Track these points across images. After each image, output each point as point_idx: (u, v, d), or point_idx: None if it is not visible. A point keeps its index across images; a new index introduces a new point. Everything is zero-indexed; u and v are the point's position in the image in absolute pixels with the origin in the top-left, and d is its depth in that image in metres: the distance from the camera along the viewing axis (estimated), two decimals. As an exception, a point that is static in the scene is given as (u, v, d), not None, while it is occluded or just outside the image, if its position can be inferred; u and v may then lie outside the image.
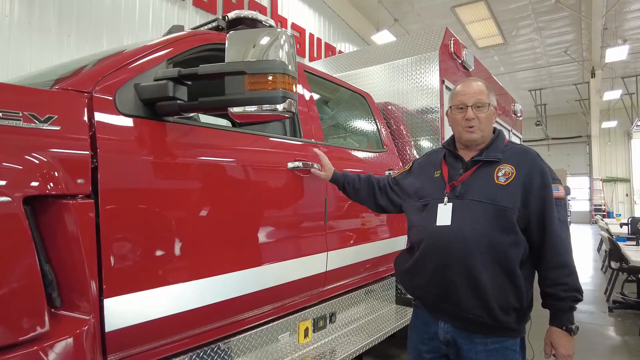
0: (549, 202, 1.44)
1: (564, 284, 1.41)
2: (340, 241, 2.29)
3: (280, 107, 1.31)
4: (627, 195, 20.18)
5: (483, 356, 1.44)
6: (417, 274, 1.57)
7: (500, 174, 1.47)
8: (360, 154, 2.69)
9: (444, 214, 1.49)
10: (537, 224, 1.44)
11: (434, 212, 1.52)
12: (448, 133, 1.65)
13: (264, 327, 1.87)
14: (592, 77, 14.62)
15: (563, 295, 1.41)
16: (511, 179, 1.44)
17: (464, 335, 1.48)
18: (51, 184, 1.07)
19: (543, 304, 1.48)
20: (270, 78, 1.29)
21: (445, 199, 1.52)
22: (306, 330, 2.12)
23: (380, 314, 2.73)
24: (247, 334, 1.78)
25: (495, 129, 1.62)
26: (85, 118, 1.22)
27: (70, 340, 1.08)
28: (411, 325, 1.70)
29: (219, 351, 1.65)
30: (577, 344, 1.46)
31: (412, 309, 1.73)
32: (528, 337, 1.54)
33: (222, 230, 1.59)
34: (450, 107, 1.61)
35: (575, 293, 1.42)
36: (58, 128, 1.14)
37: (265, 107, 1.30)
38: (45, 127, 1.12)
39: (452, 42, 3.47)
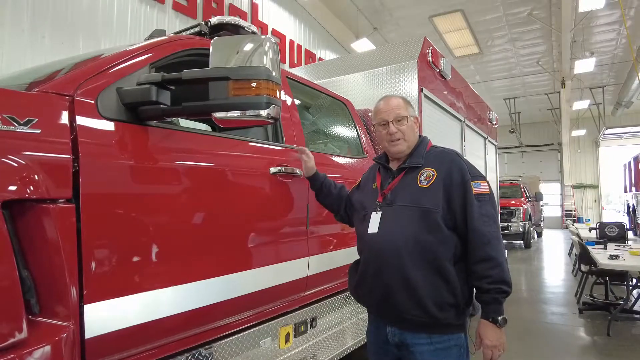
0: (469, 198, 1.49)
1: (488, 276, 1.43)
2: (322, 246, 2.30)
3: (264, 112, 1.32)
4: (595, 201, 20.97)
5: (429, 355, 1.48)
6: (361, 283, 1.64)
7: (422, 177, 1.56)
8: (341, 160, 2.72)
9: (374, 222, 1.58)
10: (461, 219, 1.50)
11: (369, 221, 1.61)
12: (426, 139, 1.73)
13: (245, 333, 1.86)
14: (562, 87, 15.20)
15: (487, 287, 1.43)
16: (432, 181, 1.53)
17: (409, 336, 1.52)
18: (31, 188, 1.06)
19: (475, 297, 1.51)
20: (254, 84, 1.30)
21: (378, 208, 1.60)
22: (287, 335, 2.12)
23: (360, 318, 2.75)
24: (228, 339, 1.77)
25: (419, 135, 1.72)
26: (67, 121, 1.20)
27: (48, 347, 1.06)
28: (367, 330, 1.76)
29: (200, 357, 1.63)
30: (549, 344, 1.51)
31: None
32: (468, 332, 1.58)
33: (205, 235, 1.58)
34: (374, 125, 1.72)
35: (501, 285, 1.42)
36: (38, 131, 1.12)
37: (249, 112, 1.32)
38: (25, 130, 1.10)
39: (430, 51, 3.55)
